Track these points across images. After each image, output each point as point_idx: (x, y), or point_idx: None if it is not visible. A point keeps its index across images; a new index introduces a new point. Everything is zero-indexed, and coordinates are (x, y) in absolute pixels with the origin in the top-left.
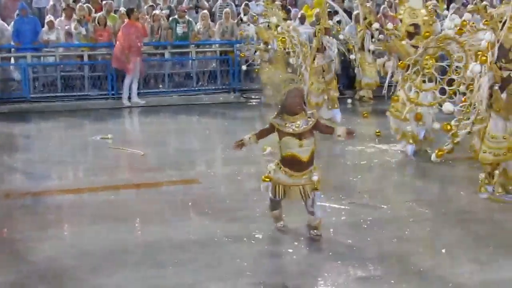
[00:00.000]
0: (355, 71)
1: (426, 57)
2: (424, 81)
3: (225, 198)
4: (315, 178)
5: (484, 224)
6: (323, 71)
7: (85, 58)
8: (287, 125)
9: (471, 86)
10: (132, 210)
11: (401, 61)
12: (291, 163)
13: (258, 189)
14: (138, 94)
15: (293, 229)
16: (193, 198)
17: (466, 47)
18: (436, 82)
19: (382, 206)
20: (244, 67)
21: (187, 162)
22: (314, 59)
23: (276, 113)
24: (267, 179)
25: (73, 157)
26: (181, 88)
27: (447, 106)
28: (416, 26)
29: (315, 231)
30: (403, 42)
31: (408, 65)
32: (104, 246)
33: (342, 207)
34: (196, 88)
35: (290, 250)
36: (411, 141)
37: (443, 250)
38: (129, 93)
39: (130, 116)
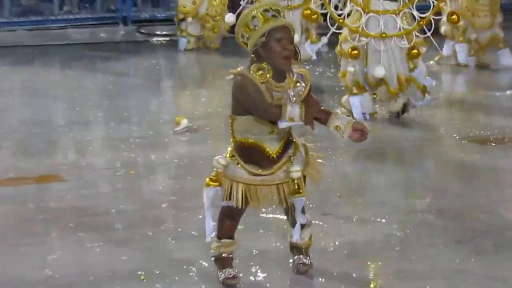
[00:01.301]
0: None
1: None
2: None
3: (108, 206)
4: (295, 174)
5: None
6: None
7: None
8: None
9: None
10: None
11: None
12: (251, 155)
13: (163, 192)
14: None
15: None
16: (54, 208)
17: None
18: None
19: (377, 219)
20: None
21: (42, 145)
22: None
23: (254, 66)
24: (213, 183)
25: None
26: (32, 17)
27: None
28: None
29: (302, 257)
30: None
31: None
32: None
33: (312, 221)
34: (59, 18)
35: None
36: (354, 90)
37: None
38: None
39: None
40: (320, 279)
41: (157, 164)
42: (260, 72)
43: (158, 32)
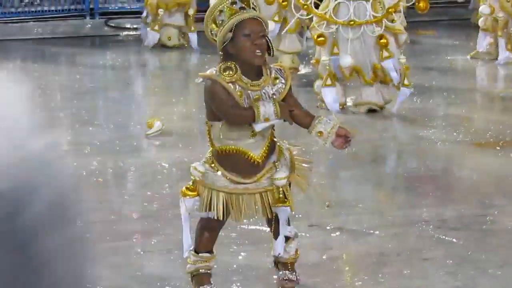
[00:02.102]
0: None
1: None
2: None
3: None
4: (280, 182)
5: None
6: None
7: None
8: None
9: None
10: None
11: None
12: (233, 163)
13: (134, 202)
14: None
15: None
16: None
17: None
18: None
19: (369, 231)
20: None
21: None
22: None
23: (220, 65)
24: (191, 193)
25: None
26: None
27: None
28: None
29: (287, 273)
30: None
31: None
32: None
33: (298, 233)
34: (19, 10)
35: None
36: (328, 81)
37: None
38: None
39: None
40: None
41: (127, 171)
42: (227, 72)
43: (128, 26)
